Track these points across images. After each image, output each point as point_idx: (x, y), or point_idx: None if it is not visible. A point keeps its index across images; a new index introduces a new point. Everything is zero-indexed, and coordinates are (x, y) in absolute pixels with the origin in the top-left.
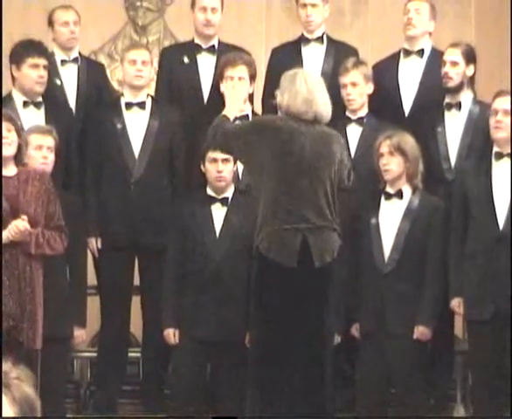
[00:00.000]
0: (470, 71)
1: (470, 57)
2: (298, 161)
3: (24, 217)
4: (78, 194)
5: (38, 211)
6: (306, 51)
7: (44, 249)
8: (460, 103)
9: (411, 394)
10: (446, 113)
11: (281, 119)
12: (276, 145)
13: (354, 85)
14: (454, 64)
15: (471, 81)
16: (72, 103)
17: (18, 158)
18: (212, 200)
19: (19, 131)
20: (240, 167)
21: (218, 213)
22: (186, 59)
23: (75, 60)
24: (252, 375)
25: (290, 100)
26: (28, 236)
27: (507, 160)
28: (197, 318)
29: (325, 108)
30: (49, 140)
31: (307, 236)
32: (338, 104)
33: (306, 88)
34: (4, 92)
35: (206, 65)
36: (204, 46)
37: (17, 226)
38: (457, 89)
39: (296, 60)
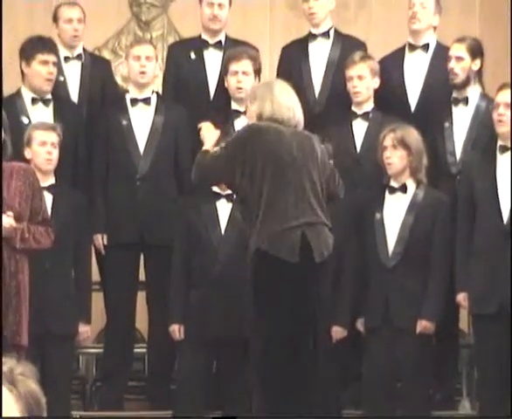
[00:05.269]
0: (476, 65)
1: (476, 51)
2: (289, 162)
3: (10, 213)
4: (85, 190)
5: (22, 206)
6: (312, 46)
7: (30, 243)
8: (467, 98)
9: (417, 388)
10: (454, 109)
11: (264, 123)
12: (266, 147)
13: (360, 78)
14: (459, 59)
15: (478, 75)
16: (75, 100)
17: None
18: (217, 196)
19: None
20: None
21: (224, 209)
22: (193, 55)
23: (79, 57)
24: (257, 374)
25: (275, 107)
26: (13, 232)
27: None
28: (203, 314)
29: (301, 116)
30: (53, 137)
31: (305, 232)
32: (343, 98)
33: (286, 96)
34: (14, 89)
35: (213, 60)
36: (210, 42)
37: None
38: (463, 84)
39: (303, 56)
